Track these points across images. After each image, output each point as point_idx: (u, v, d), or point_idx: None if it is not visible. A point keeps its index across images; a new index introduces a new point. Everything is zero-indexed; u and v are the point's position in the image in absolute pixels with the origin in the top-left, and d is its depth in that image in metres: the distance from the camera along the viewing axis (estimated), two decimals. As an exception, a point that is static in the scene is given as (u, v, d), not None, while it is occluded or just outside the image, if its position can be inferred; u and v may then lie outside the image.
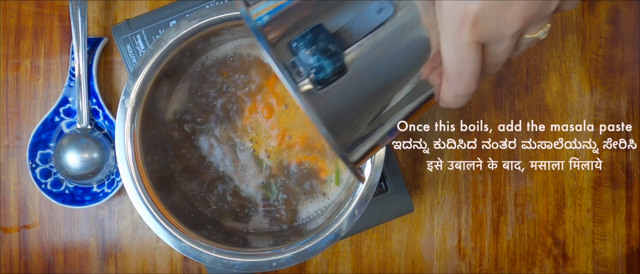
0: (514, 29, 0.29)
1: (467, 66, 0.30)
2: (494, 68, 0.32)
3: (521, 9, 0.29)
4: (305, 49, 0.29)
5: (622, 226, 0.63)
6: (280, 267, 0.50)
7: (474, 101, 0.63)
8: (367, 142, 0.33)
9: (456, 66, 0.30)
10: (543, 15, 0.30)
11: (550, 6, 0.30)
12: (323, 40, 0.29)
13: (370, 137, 0.33)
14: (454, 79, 0.31)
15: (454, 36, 0.29)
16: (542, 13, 0.30)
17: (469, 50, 0.30)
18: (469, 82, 0.31)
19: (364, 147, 0.34)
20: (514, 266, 0.64)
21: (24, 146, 0.62)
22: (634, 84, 0.63)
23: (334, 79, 0.29)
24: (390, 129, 0.34)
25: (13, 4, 0.63)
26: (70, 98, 0.61)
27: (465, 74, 0.31)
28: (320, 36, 0.29)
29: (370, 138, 0.33)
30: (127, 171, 0.50)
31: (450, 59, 0.30)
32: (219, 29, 0.52)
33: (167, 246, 0.58)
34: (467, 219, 0.63)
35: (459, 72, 0.31)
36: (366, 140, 0.33)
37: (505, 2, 0.28)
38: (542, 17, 0.30)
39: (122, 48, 0.57)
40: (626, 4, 0.64)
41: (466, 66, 0.30)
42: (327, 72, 0.29)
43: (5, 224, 0.63)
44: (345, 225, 0.49)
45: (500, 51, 0.31)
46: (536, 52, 0.63)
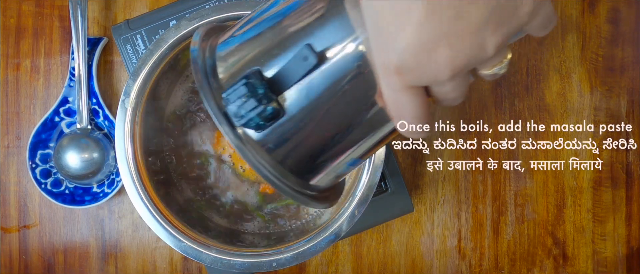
0: (445, 76, 0.27)
1: (407, 109, 0.29)
2: (453, 102, 0.31)
3: (446, 59, 0.27)
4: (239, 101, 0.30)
5: (622, 226, 0.63)
6: (280, 267, 0.50)
7: (474, 101, 0.63)
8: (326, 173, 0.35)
9: (395, 109, 0.30)
10: (479, 61, 0.28)
11: (485, 53, 0.27)
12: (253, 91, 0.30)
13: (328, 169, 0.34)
14: (397, 119, 0.30)
15: (386, 82, 0.29)
16: (477, 59, 0.27)
17: (405, 95, 0.29)
18: (413, 124, 0.30)
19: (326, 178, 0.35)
20: (514, 266, 0.64)
21: (24, 146, 0.62)
22: (634, 84, 0.63)
23: (270, 123, 0.31)
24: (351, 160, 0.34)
25: (13, 4, 0.63)
26: (70, 98, 0.61)
27: (408, 118, 0.30)
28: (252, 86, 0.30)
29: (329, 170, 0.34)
30: (127, 171, 0.50)
31: (388, 102, 0.30)
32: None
33: (167, 246, 0.58)
34: (467, 219, 0.63)
35: (400, 115, 0.30)
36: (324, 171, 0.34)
37: (428, 53, 0.27)
38: (479, 62, 0.28)
39: (122, 48, 0.57)
40: (626, 4, 0.64)
41: (406, 109, 0.29)
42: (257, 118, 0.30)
43: (5, 224, 0.63)
44: (345, 225, 0.49)
45: (446, 91, 0.29)
46: (536, 52, 0.63)
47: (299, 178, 0.34)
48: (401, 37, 0.27)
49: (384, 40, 0.27)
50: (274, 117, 0.31)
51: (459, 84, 0.29)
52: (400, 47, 0.27)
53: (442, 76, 0.27)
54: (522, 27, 0.27)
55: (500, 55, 0.28)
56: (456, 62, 0.27)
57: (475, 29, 0.26)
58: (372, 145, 0.34)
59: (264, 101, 0.30)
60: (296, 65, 0.30)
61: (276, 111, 0.30)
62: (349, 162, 0.35)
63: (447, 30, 0.26)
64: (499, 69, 0.29)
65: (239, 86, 0.30)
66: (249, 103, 0.30)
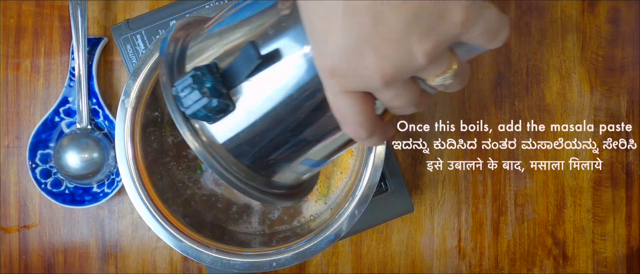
0: (376, 82, 0.27)
1: (347, 114, 0.29)
2: (401, 111, 0.30)
3: (374, 65, 0.26)
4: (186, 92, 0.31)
5: (622, 226, 0.63)
6: (280, 267, 0.50)
7: (474, 101, 0.63)
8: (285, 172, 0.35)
9: (337, 113, 0.30)
10: (413, 69, 0.27)
11: (415, 61, 0.26)
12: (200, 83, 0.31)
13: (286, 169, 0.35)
14: (342, 125, 0.30)
15: (326, 86, 0.29)
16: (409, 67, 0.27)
17: (343, 99, 0.29)
18: (356, 130, 0.30)
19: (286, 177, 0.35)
20: (514, 266, 0.64)
21: (24, 146, 0.62)
22: (634, 84, 0.63)
23: (220, 115, 0.32)
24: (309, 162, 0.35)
25: (13, 4, 0.63)
26: (70, 98, 0.61)
27: (349, 122, 0.29)
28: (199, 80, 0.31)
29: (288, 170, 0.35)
30: (127, 171, 0.50)
31: (331, 106, 0.30)
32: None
33: (167, 246, 0.58)
34: (467, 219, 0.63)
35: (342, 120, 0.30)
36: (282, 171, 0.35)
37: (355, 58, 0.26)
38: (413, 70, 0.27)
39: (122, 48, 0.57)
40: (626, 4, 0.64)
41: (346, 114, 0.29)
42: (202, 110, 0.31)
43: (5, 224, 0.63)
44: (345, 225, 0.49)
45: (389, 98, 0.29)
46: (536, 52, 0.63)
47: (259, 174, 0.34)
48: (330, 42, 0.27)
49: (318, 44, 0.27)
50: (222, 110, 0.31)
51: (401, 92, 0.28)
52: (331, 51, 0.27)
53: (374, 82, 0.27)
54: (458, 37, 0.26)
55: (441, 65, 0.27)
56: (384, 69, 0.26)
57: (398, 36, 0.26)
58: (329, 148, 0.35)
59: (209, 93, 0.31)
60: (242, 62, 0.31)
61: (223, 105, 0.31)
62: (308, 163, 0.35)
63: (368, 36, 0.26)
64: (443, 79, 0.28)
65: (186, 78, 0.31)
66: (194, 94, 0.31)
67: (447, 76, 0.28)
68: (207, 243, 0.50)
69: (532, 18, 0.63)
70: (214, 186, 0.57)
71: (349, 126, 0.30)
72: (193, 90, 0.31)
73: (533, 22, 0.63)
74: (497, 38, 0.27)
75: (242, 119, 0.32)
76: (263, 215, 0.57)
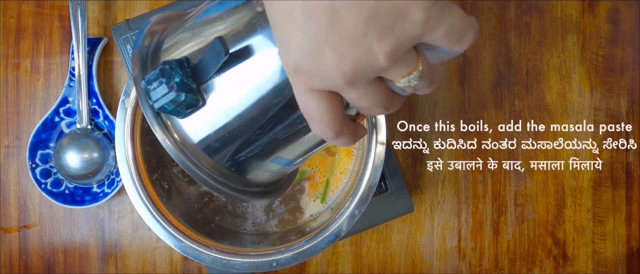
0: (338, 81, 0.27)
1: (314, 113, 0.29)
2: (370, 112, 0.30)
3: (333, 64, 0.26)
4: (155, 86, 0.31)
5: (622, 226, 0.63)
6: (280, 267, 0.50)
7: (474, 101, 0.63)
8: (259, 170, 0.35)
9: (305, 112, 0.29)
10: (375, 69, 0.26)
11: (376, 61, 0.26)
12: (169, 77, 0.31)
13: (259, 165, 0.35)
14: (310, 124, 0.30)
15: (292, 83, 0.29)
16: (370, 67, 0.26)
17: (309, 98, 0.28)
18: (324, 129, 0.29)
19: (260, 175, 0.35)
20: (514, 266, 0.64)
21: (24, 146, 0.62)
22: (634, 84, 0.63)
23: (189, 110, 0.32)
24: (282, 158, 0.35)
25: (13, 4, 0.63)
26: (70, 98, 0.61)
27: (316, 121, 0.29)
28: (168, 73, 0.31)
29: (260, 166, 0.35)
30: (127, 171, 0.50)
31: (299, 104, 0.29)
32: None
33: (167, 246, 0.58)
34: (467, 219, 0.63)
35: (310, 118, 0.29)
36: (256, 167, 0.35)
37: (315, 57, 0.26)
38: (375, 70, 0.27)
39: (122, 48, 0.57)
40: (626, 4, 0.64)
41: (313, 113, 0.29)
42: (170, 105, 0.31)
43: (5, 224, 0.63)
44: (345, 225, 0.49)
45: (354, 98, 0.28)
46: (536, 52, 0.63)
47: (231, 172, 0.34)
48: (291, 39, 0.26)
49: (281, 42, 0.27)
50: (191, 105, 0.31)
51: (367, 92, 0.28)
52: (293, 50, 0.27)
53: (335, 81, 0.27)
54: (420, 38, 0.26)
55: (406, 65, 0.27)
56: (344, 68, 0.26)
57: (356, 35, 0.25)
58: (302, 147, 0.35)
59: (177, 88, 0.31)
60: (211, 57, 0.31)
61: (192, 100, 0.31)
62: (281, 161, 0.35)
63: (326, 36, 0.25)
64: (408, 80, 0.27)
65: (155, 72, 0.31)
66: (161, 88, 0.31)
67: (412, 77, 0.27)
68: (207, 243, 0.50)
69: (532, 18, 0.63)
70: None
71: (317, 125, 0.29)
72: (161, 84, 0.31)
73: (533, 22, 0.63)
74: (462, 41, 0.27)
75: (212, 115, 0.32)
76: (263, 215, 0.57)
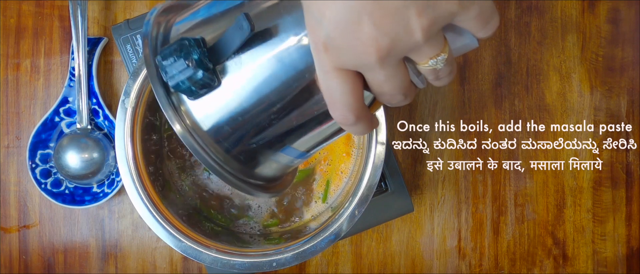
0: (372, 57, 0.27)
1: (337, 95, 0.29)
2: (390, 98, 0.30)
3: (370, 38, 0.26)
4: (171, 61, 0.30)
5: (622, 226, 0.63)
6: (280, 267, 0.50)
7: (474, 101, 0.63)
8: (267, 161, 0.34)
9: (327, 94, 0.29)
10: (408, 46, 0.27)
11: (411, 36, 0.26)
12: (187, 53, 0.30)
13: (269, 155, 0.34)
14: (330, 107, 0.30)
15: (317, 62, 0.28)
16: (404, 43, 0.27)
17: (334, 77, 0.28)
18: (344, 113, 0.29)
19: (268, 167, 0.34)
20: (514, 266, 0.64)
21: (24, 146, 0.62)
22: (634, 84, 0.63)
23: (204, 91, 0.31)
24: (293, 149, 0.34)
25: (13, 4, 0.63)
26: (70, 98, 0.61)
27: (338, 103, 0.29)
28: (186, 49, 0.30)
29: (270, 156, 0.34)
30: (127, 171, 0.50)
31: (321, 86, 0.29)
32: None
33: (167, 246, 0.58)
34: (467, 219, 0.63)
35: (331, 101, 0.29)
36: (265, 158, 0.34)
37: (352, 30, 0.26)
38: (408, 47, 0.27)
39: (122, 48, 0.57)
40: (626, 4, 0.64)
41: (336, 95, 0.29)
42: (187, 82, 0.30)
43: (5, 224, 0.63)
44: (345, 225, 0.49)
45: (379, 80, 0.28)
46: (536, 52, 0.63)
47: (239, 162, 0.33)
48: (326, 13, 0.26)
49: (313, 16, 0.27)
50: (207, 85, 0.30)
51: (393, 74, 0.28)
52: (326, 23, 0.27)
53: (369, 57, 0.27)
54: (454, 16, 0.27)
55: (434, 46, 0.28)
56: (381, 42, 0.26)
57: (397, 9, 0.26)
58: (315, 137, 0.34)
59: (195, 64, 0.30)
60: (233, 34, 0.30)
61: (208, 79, 0.30)
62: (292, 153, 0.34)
63: (367, 7, 0.26)
64: (436, 62, 0.28)
65: (173, 45, 0.30)
66: (179, 63, 0.30)
67: (440, 59, 0.28)
68: (207, 243, 0.50)
69: (532, 18, 0.63)
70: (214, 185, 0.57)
71: (338, 109, 0.29)
72: (179, 58, 0.30)
73: (533, 22, 0.63)
74: (488, 25, 0.28)
75: (226, 98, 0.31)
76: (263, 215, 0.57)
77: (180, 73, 0.30)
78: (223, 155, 0.32)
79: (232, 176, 0.33)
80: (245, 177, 0.33)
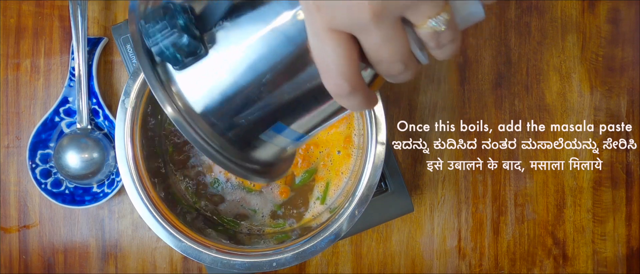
0: (365, 15, 0.25)
1: (330, 60, 0.27)
2: (388, 67, 0.28)
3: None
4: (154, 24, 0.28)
5: (622, 226, 0.63)
6: (280, 267, 0.50)
7: (474, 101, 0.63)
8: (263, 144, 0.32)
9: (319, 61, 0.27)
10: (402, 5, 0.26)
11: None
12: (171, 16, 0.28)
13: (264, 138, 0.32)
14: (324, 76, 0.28)
15: (310, 25, 0.27)
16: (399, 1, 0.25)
17: (327, 40, 0.26)
18: (338, 81, 0.27)
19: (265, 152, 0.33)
20: (514, 266, 0.64)
21: (24, 146, 0.62)
22: (634, 84, 0.63)
23: (190, 59, 0.29)
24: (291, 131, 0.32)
25: (13, 4, 0.63)
26: (70, 98, 0.61)
27: (331, 71, 0.27)
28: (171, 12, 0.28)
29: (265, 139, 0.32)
30: (127, 171, 0.50)
31: (313, 52, 0.28)
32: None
33: (167, 246, 0.58)
34: (467, 219, 0.63)
35: (324, 68, 0.27)
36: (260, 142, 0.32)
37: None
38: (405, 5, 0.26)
39: (122, 48, 0.57)
40: (626, 4, 0.64)
41: (329, 60, 0.27)
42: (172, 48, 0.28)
43: (5, 224, 0.63)
44: (345, 225, 0.49)
45: (376, 43, 0.27)
46: (536, 52, 0.63)
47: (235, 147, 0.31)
48: None
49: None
50: (192, 53, 0.29)
51: (390, 36, 0.27)
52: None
53: (363, 13, 0.25)
54: None
55: (433, 4, 0.26)
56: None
57: None
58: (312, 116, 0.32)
59: (180, 28, 0.28)
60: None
61: (194, 45, 0.28)
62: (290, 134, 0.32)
63: None
64: (436, 23, 0.26)
65: (157, 8, 0.29)
66: (162, 27, 0.28)
67: (440, 18, 0.26)
68: (207, 243, 0.50)
69: (532, 18, 0.63)
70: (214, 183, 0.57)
71: (331, 77, 0.28)
72: (162, 22, 0.28)
73: (533, 22, 0.63)
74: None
75: (216, 70, 0.29)
76: (264, 215, 0.57)
77: (165, 38, 0.28)
78: (217, 138, 0.31)
79: (227, 160, 0.31)
80: (240, 161, 0.32)
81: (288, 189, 0.57)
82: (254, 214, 0.57)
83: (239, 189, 0.57)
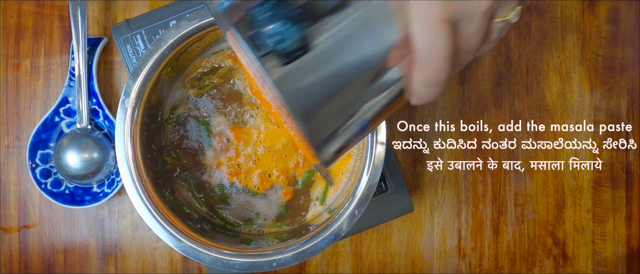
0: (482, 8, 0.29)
1: (440, 47, 0.29)
2: (466, 56, 0.31)
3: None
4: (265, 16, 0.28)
5: (622, 226, 0.63)
6: (280, 267, 0.50)
7: (474, 101, 0.63)
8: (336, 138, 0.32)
9: (427, 47, 0.29)
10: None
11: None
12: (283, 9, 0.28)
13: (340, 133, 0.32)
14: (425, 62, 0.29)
15: (424, 14, 0.28)
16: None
17: (441, 28, 0.28)
18: (441, 67, 0.29)
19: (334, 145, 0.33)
20: (514, 266, 0.64)
21: (24, 146, 0.62)
22: (634, 84, 0.63)
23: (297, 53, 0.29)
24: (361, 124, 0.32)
25: (13, 4, 0.63)
26: (70, 98, 0.61)
27: (437, 57, 0.29)
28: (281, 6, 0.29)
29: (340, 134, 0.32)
30: (127, 171, 0.50)
31: (421, 39, 0.29)
32: (219, 29, 0.52)
33: (167, 246, 0.58)
34: (467, 219, 0.63)
35: (430, 55, 0.29)
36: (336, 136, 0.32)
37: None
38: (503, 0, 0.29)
39: (122, 48, 0.57)
40: (626, 4, 0.64)
41: (438, 47, 0.29)
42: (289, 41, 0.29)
43: (5, 224, 0.63)
44: (345, 225, 0.49)
45: (471, 33, 0.30)
46: (536, 52, 0.63)
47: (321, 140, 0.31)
48: None
49: None
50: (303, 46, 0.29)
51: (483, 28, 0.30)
52: None
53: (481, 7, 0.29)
54: None
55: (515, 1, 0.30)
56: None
57: None
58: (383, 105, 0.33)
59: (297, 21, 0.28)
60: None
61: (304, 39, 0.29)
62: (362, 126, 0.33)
63: None
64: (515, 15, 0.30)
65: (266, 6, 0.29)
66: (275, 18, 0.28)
67: (515, 13, 0.30)
68: (207, 243, 0.50)
69: (532, 18, 0.63)
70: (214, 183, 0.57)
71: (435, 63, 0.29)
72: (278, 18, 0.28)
73: (533, 22, 0.63)
74: None
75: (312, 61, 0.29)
76: (263, 215, 0.57)
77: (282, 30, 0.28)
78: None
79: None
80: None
81: (291, 190, 0.57)
82: (258, 217, 0.57)
83: (244, 193, 0.57)
